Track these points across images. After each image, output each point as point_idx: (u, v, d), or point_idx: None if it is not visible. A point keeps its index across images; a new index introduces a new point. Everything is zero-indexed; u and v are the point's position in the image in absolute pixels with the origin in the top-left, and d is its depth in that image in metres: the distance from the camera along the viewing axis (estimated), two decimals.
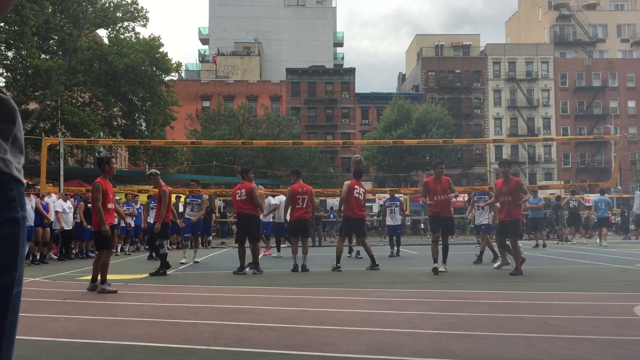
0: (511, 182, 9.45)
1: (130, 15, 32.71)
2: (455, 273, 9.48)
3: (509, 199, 9.35)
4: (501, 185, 9.61)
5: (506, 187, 9.45)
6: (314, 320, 4.89)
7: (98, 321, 4.93)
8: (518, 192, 9.33)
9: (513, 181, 9.47)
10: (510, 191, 9.36)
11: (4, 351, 1.24)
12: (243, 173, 10.16)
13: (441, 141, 24.45)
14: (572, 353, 3.60)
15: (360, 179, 10.53)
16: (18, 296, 1.42)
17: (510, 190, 9.37)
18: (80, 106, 31.28)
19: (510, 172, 9.62)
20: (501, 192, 9.55)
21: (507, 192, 9.39)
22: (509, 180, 9.44)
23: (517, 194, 9.33)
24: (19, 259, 1.38)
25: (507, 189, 9.42)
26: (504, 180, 9.54)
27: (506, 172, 9.57)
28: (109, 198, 7.43)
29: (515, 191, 9.27)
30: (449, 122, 46.55)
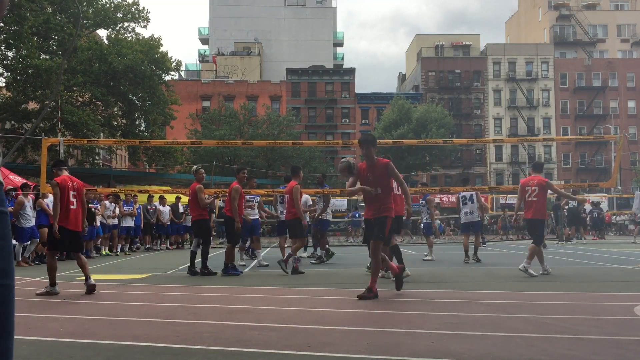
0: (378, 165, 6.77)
1: (131, 15, 32.71)
2: (456, 273, 9.48)
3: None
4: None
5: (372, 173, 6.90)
6: (314, 320, 4.89)
7: (98, 321, 4.93)
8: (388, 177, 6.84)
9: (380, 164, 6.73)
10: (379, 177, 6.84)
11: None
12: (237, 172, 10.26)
13: (441, 141, 24.41)
14: (572, 353, 3.60)
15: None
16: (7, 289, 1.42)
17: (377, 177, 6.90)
18: (80, 106, 31.28)
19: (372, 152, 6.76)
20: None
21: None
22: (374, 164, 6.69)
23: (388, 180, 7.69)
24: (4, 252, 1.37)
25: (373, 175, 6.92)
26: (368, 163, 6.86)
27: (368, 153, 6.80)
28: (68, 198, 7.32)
29: (385, 176, 6.64)
30: (450, 122, 46.56)
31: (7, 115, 29.76)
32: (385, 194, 6.47)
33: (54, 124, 29.22)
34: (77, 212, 7.27)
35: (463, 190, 12.63)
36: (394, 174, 6.47)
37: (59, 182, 7.20)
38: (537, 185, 9.19)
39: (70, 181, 7.31)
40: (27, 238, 12.46)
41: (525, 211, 9.35)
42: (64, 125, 28.40)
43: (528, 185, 9.29)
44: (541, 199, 9.16)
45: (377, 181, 6.42)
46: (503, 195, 35.62)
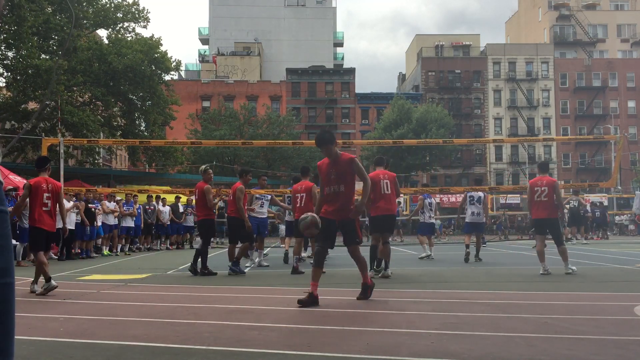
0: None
1: (131, 15, 32.71)
2: (455, 273, 9.48)
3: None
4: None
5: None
6: (314, 320, 4.89)
7: (98, 321, 4.93)
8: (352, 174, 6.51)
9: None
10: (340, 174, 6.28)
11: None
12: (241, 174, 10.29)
13: (441, 141, 24.47)
14: (572, 353, 3.60)
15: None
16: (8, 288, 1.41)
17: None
18: (79, 106, 31.29)
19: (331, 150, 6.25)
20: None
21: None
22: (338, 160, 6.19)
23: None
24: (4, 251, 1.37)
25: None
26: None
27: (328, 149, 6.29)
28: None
29: (349, 173, 6.20)
30: (450, 122, 46.56)
31: (7, 115, 29.76)
32: (349, 191, 6.05)
33: (54, 124, 29.23)
34: (51, 213, 7.33)
35: (471, 189, 12.85)
36: (359, 170, 6.07)
37: (31, 184, 7.32)
38: (547, 185, 9.20)
39: (46, 183, 7.36)
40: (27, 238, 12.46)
41: (534, 211, 9.29)
42: (64, 126, 28.41)
43: (537, 185, 9.27)
44: (551, 198, 9.17)
45: (340, 178, 6.00)
46: (503, 195, 35.64)
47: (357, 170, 6.06)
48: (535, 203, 9.24)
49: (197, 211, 10.02)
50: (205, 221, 9.80)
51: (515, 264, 11.57)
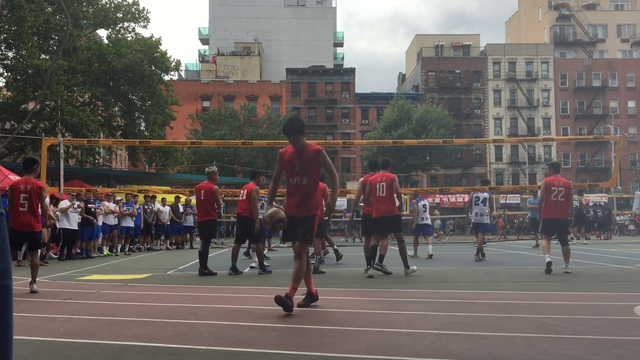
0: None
1: (131, 15, 32.71)
2: (455, 273, 9.48)
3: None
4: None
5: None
6: (314, 320, 4.89)
7: (98, 321, 4.93)
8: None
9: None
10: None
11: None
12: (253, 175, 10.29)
13: (441, 141, 24.46)
14: (572, 353, 3.60)
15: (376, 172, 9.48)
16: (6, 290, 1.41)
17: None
18: (79, 106, 31.29)
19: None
20: None
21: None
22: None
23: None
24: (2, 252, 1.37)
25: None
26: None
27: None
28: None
29: (314, 165, 5.98)
30: (450, 122, 46.56)
31: (7, 115, 29.76)
32: (312, 185, 5.53)
33: (54, 124, 29.23)
34: (27, 214, 7.39)
35: (478, 189, 13.13)
36: (325, 162, 5.56)
37: (10, 186, 7.56)
38: (564, 186, 9.32)
39: (24, 184, 7.47)
40: None
41: (549, 210, 9.30)
42: (64, 126, 28.41)
43: (554, 185, 9.31)
44: (566, 199, 9.29)
45: (304, 169, 5.51)
46: (503, 195, 35.64)
47: (324, 162, 5.57)
48: (551, 203, 9.27)
49: (200, 211, 9.96)
50: (210, 222, 9.85)
51: (515, 264, 11.57)
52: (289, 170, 5.58)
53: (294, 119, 5.66)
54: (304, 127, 5.61)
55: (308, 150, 5.55)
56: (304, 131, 5.59)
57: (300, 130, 5.53)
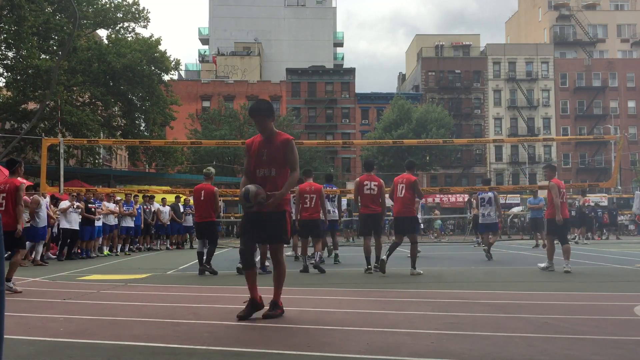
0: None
1: (131, 15, 32.71)
2: (455, 273, 9.48)
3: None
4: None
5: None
6: (314, 320, 4.89)
7: (98, 321, 4.93)
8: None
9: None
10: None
11: None
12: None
13: (441, 141, 24.43)
14: (572, 353, 3.60)
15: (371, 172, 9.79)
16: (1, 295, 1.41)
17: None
18: (79, 106, 31.29)
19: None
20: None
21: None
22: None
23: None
24: None
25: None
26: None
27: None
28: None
29: (282, 156, 5.41)
30: (450, 122, 46.55)
31: (7, 115, 29.77)
32: (281, 177, 5.05)
33: (54, 124, 29.24)
34: (3, 213, 7.41)
35: (480, 190, 13.63)
36: (293, 155, 5.10)
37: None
38: (564, 187, 9.83)
39: (4, 184, 7.57)
40: (42, 237, 12.53)
41: (560, 211, 9.55)
42: (64, 126, 28.42)
43: (561, 187, 9.67)
44: (565, 200, 9.80)
45: (272, 160, 5.06)
46: (503, 196, 35.66)
47: (290, 154, 5.07)
48: (561, 204, 9.53)
49: (200, 212, 9.93)
50: (212, 223, 9.92)
51: (515, 264, 11.57)
52: (256, 160, 5.14)
53: (261, 101, 5.31)
54: (272, 110, 5.21)
55: (277, 139, 5.12)
56: (272, 114, 5.18)
57: (268, 113, 5.14)
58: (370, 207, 9.46)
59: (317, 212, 10.04)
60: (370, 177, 9.57)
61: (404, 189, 9.12)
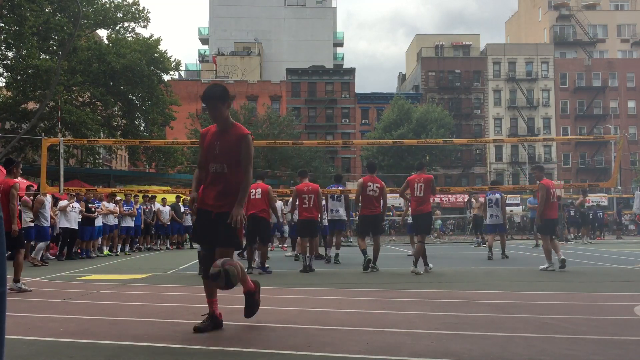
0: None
1: (131, 15, 32.72)
2: (455, 273, 9.48)
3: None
4: None
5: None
6: (314, 320, 4.89)
7: (98, 321, 4.93)
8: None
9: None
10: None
11: None
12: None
13: (441, 141, 24.39)
14: (572, 353, 3.60)
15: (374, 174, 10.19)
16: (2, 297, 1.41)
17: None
18: (79, 106, 31.29)
19: None
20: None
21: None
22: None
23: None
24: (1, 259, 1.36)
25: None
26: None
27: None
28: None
29: (237, 151, 4.85)
30: (450, 122, 46.54)
31: (7, 115, 29.76)
32: (234, 175, 4.50)
33: (54, 124, 29.24)
34: None
35: (489, 190, 13.82)
36: (248, 154, 4.52)
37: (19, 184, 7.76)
38: (554, 188, 10.12)
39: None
40: (47, 237, 12.54)
41: (550, 212, 9.88)
42: (64, 126, 28.42)
43: (551, 187, 10.03)
44: (555, 200, 10.12)
45: (226, 154, 4.49)
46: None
47: (245, 151, 4.49)
48: (551, 204, 9.86)
49: None
50: None
51: (515, 264, 11.56)
52: (209, 153, 4.56)
53: (214, 84, 4.71)
54: (226, 95, 4.59)
55: (234, 132, 4.54)
56: (226, 100, 4.56)
57: (221, 98, 4.52)
58: (371, 209, 9.79)
59: (316, 211, 10.18)
60: (373, 179, 9.94)
61: (422, 187, 9.42)
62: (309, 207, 10.09)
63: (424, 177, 9.56)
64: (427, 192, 9.45)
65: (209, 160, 4.56)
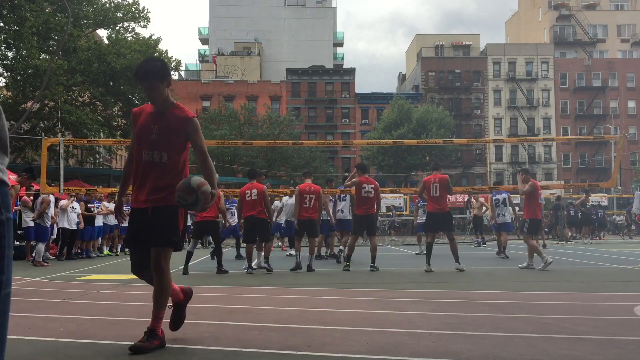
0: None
1: (131, 15, 32.72)
2: (455, 273, 9.48)
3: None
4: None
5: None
6: (314, 320, 4.89)
7: (98, 321, 4.93)
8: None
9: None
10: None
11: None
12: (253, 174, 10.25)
13: (441, 141, 24.39)
14: (572, 353, 3.60)
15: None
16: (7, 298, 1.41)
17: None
18: (79, 106, 31.31)
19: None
20: None
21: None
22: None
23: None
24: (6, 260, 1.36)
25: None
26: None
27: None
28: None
29: (179, 135, 4.04)
30: (450, 122, 46.54)
31: (6, 115, 29.75)
32: (175, 166, 3.81)
33: (54, 124, 29.24)
34: None
35: (493, 190, 14.48)
36: (196, 137, 3.84)
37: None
38: (540, 189, 10.66)
39: None
40: (47, 237, 12.55)
41: (539, 213, 10.44)
42: (64, 126, 28.42)
43: (539, 189, 10.44)
44: (541, 202, 10.94)
45: (164, 139, 3.75)
46: None
47: (193, 136, 3.81)
48: (539, 204, 10.37)
49: (209, 213, 10.00)
50: (214, 222, 10.14)
51: (515, 264, 11.56)
52: (143, 138, 3.78)
53: (153, 58, 3.95)
54: (165, 72, 3.76)
55: (174, 113, 3.79)
56: (165, 77, 3.75)
57: (159, 75, 3.71)
58: (365, 209, 9.97)
59: (315, 212, 10.21)
60: (367, 180, 10.16)
61: (437, 187, 9.76)
62: (308, 208, 10.15)
63: (439, 177, 9.86)
64: (443, 191, 9.77)
65: (143, 147, 3.78)
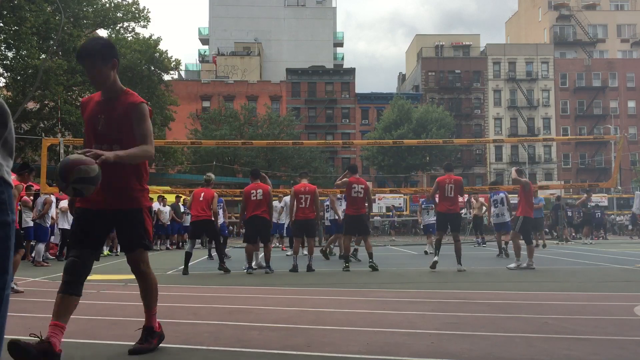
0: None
1: (131, 15, 32.72)
2: (455, 273, 9.48)
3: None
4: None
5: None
6: (314, 320, 4.89)
7: (98, 321, 4.93)
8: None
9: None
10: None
11: None
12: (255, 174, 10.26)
13: (441, 141, 24.43)
14: (572, 353, 3.60)
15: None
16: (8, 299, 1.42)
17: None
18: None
19: None
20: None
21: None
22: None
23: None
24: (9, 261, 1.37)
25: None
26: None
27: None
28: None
29: (129, 124, 3.57)
30: (450, 122, 46.54)
31: None
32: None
33: (54, 124, 29.24)
34: None
35: (490, 190, 14.34)
36: (145, 125, 3.42)
37: None
38: (534, 189, 11.39)
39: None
40: (47, 237, 12.54)
41: (531, 212, 10.55)
42: (64, 126, 28.42)
43: (532, 189, 10.86)
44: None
45: (113, 131, 3.41)
46: None
47: (139, 123, 3.38)
48: (532, 204, 10.62)
49: (197, 210, 10.06)
50: (212, 222, 10.25)
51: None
52: (91, 129, 3.46)
53: (98, 37, 3.56)
54: (111, 52, 3.41)
55: (121, 100, 3.44)
56: (110, 58, 3.39)
57: (103, 56, 3.36)
58: (355, 209, 10.10)
59: (312, 212, 10.17)
60: (358, 180, 10.22)
61: (452, 188, 9.86)
62: (304, 208, 10.13)
63: (454, 178, 9.98)
64: (457, 193, 9.90)
65: (92, 140, 3.45)
